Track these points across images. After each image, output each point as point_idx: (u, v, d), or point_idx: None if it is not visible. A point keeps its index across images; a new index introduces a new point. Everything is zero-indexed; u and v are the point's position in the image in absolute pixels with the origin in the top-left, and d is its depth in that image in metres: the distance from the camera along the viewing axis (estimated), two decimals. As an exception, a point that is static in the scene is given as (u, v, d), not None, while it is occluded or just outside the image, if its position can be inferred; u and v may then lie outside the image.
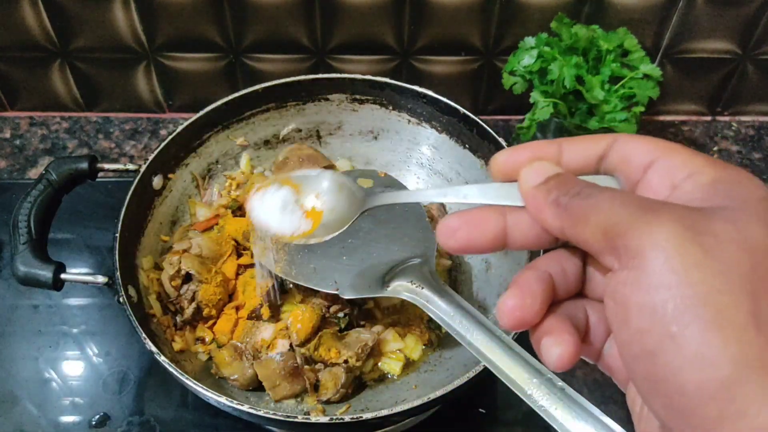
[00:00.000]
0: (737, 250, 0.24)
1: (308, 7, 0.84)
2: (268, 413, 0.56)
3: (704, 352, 0.23)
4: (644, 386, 0.26)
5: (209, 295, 0.69)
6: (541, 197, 0.29)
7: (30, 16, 0.85)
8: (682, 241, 0.24)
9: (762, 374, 0.23)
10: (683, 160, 0.28)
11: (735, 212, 0.25)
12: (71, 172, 0.67)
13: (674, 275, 0.24)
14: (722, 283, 0.23)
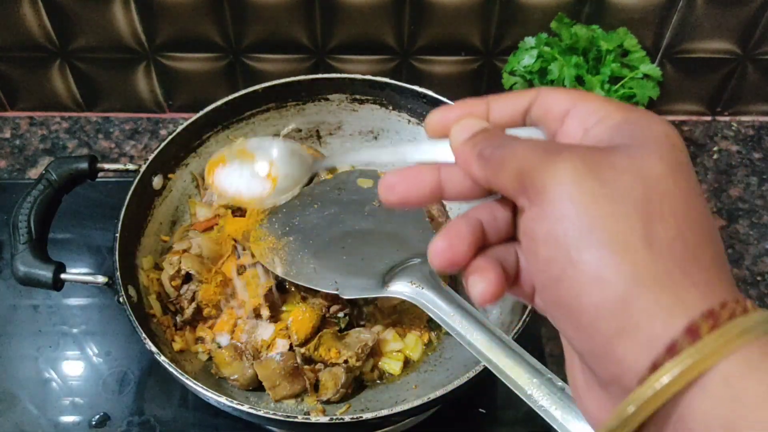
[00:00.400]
0: (631, 179, 0.26)
1: (308, 7, 0.84)
2: (268, 413, 0.56)
3: (601, 273, 0.25)
4: (555, 313, 0.28)
5: (209, 295, 0.69)
6: (468, 151, 0.32)
7: (30, 16, 0.85)
8: (581, 175, 0.26)
9: (654, 289, 0.24)
10: (595, 107, 0.30)
11: (634, 148, 0.27)
12: (71, 172, 0.67)
13: (573, 206, 0.26)
14: (616, 210, 0.25)
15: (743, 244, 0.85)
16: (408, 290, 0.57)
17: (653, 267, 0.25)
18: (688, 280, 0.25)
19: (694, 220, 0.26)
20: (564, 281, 0.26)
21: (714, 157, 0.94)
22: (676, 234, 0.25)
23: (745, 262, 0.83)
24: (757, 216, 0.88)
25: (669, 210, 0.26)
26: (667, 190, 0.26)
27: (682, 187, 0.26)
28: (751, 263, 0.83)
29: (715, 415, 0.23)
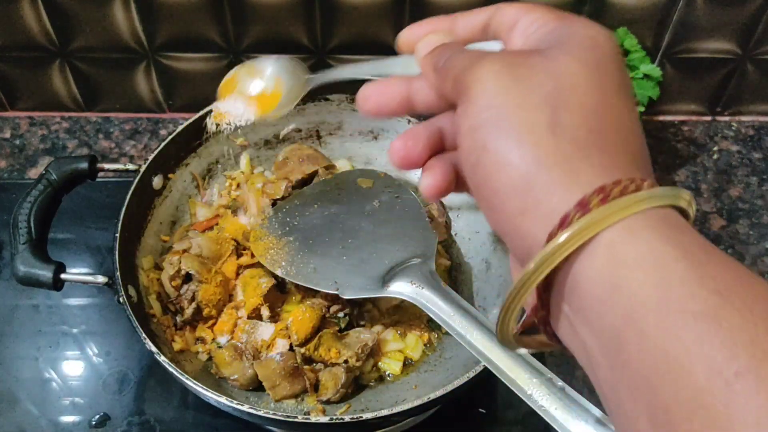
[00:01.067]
0: (544, 75, 0.29)
1: (308, 7, 0.84)
2: (268, 413, 0.56)
3: (507, 157, 0.28)
4: (476, 198, 0.31)
5: (209, 295, 0.69)
6: (427, 64, 0.35)
7: (30, 16, 0.85)
8: (499, 74, 0.29)
9: (554, 169, 0.27)
10: (536, 16, 0.33)
11: (554, 49, 0.30)
12: (71, 172, 0.67)
13: (489, 99, 0.29)
14: (526, 101, 0.28)
15: (743, 244, 0.85)
16: (408, 290, 0.57)
17: (554, 150, 0.27)
18: (586, 162, 0.27)
19: (604, 112, 0.28)
20: (479, 167, 0.29)
21: (714, 157, 0.94)
22: (581, 122, 0.28)
23: (745, 262, 0.83)
24: (757, 216, 0.88)
25: (576, 101, 0.28)
26: (576, 84, 0.28)
27: (595, 83, 0.29)
28: (751, 263, 0.83)
29: (600, 276, 0.25)
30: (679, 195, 0.27)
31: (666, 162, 0.93)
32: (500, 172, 0.28)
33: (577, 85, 0.28)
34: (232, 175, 0.80)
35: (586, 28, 0.31)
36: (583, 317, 0.26)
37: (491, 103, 0.29)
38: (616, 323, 0.25)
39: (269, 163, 0.82)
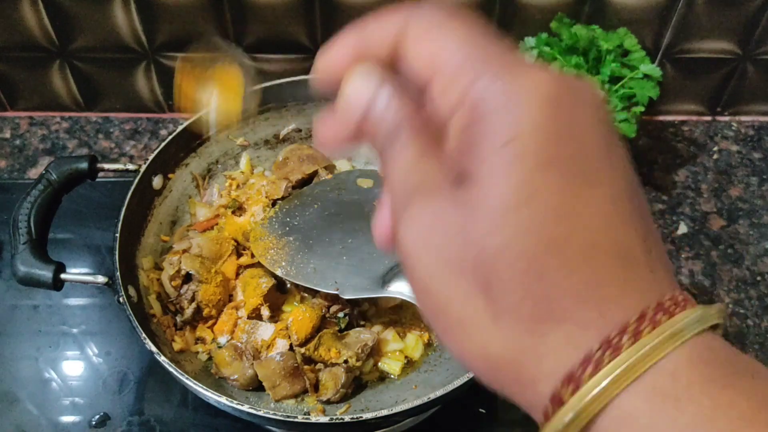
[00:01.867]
0: (466, 245, 0.23)
1: (308, 7, 0.84)
2: (268, 413, 0.56)
3: (463, 352, 0.24)
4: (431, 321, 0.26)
5: (209, 295, 0.69)
6: (369, 136, 0.27)
7: (30, 16, 0.85)
8: (419, 243, 0.24)
9: (506, 366, 0.23)
10: (457, 69, 0.24)
11: (477, 161, 0.23)
12: (71, 172, 0.67)
13: (415, 259, 0.25)
14: (456, 267, 0.24)
15: (743, 244, 0.85)
16: (408, 290, 0.57)
17: (499, 342, 0.23)
18: (550, 341, 0.22)
19: (554, 266, 0.22)
20: (437, 324, 0.25)
21: (714, 157, 0.94)
22: (519, 301, 0.22)
23: (745, 262, 0.83)
24: (758, 216, 0.88)
25: (509, 275, 0.22)
26: (502, 254, 0.22)
27: (536, 236, 0.22)
28: (752, 263, 0.83)
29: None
30: (714, 313, 0.22)
31: (666, 162, 0.93)
32: (476, 362, 0.24)
33: (504, 246, 0.22)
34: (232, 175, 0.80)
35: (506, 115, 0.22)
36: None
37: (423, 286, 0.24)
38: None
39: (269, 163, 0.82)
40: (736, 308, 0.80)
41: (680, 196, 0.90)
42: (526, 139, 0.22)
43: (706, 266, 0.83)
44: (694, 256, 0.84)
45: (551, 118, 0.22)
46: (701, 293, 0.81)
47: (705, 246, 0.85)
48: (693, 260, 0.84)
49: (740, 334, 0.78)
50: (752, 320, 0.79)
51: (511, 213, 0.22)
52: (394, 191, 0.26)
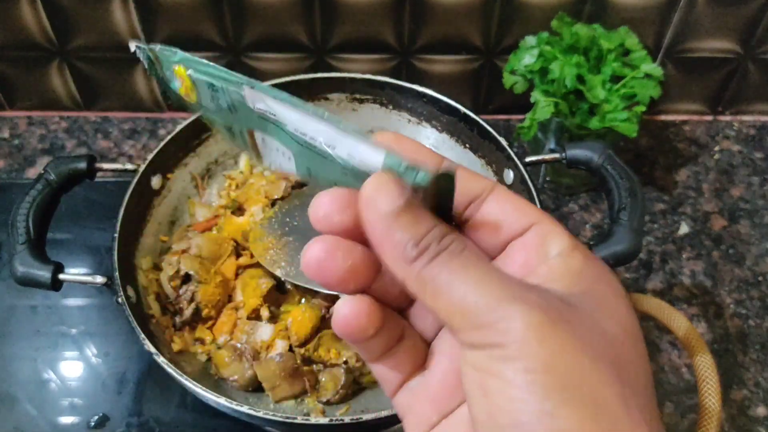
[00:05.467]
0: (600, 340, 0.24)
1: (308, 6, 0.84)
2: (267, 414, 0.56)
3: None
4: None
5: (208, 296, 0.68)
6: (392, 247, 0.25)
7: (28, 15, 0.85)
8: (548, 329, 0.23)
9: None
10: (556, 237, 0.26)
11: (596, 306, 0.25)
12: (70, 171, 0.67)
13: (539, 361, 0.23)
14: (588, 368, 0.23)
15: (745, 244, 0.85)
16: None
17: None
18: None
19: (647, 380, 0.25)
20: (530, 426, 0.23)
21: (715, 157, 0.94)
22: (646, 399, 0.24)
23: (746, 263, 0.83)
24: (759, 216, 0.88)
25: (635, 375, 0.24)
26: (630, 358, 0.25)
27: (639, 351, 0.25)
28: (753, 263, 0.83)
29: None
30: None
31: (667, 162, 0.93)
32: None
33: (630, 358, 0.24)
34: (232, 175, 0.80)
35: (612, 282, 0.26)
36: None
37: (546, 366, 0.23)
38: None
39: (269, 162, 0.82)
40: (738, 309, 0.79)
41: (681, 195, 0.90)
42: (628, 314, 0.26)
43: (707, 266, 0.83)
44: (696, 256, 0.84)
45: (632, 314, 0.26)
46: (702, 293, 0.81)
47: (706, 246, 0.85)
48: (694, 260, 0.83)
49: (741, 335, 0.77)
50: (753, 320, 0.78)
51: (627, 344, 0.25)
52: (470, 310, 0.24)
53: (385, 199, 0.24)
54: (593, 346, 0.23)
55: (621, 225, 0.61)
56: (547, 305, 0.23)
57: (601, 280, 0.26)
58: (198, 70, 0.32)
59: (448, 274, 0.24)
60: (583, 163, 0.66)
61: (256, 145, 0.34)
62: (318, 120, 0.27)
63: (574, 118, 0.79)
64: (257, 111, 0.30)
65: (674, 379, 0.74)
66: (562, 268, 0.25)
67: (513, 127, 0.95)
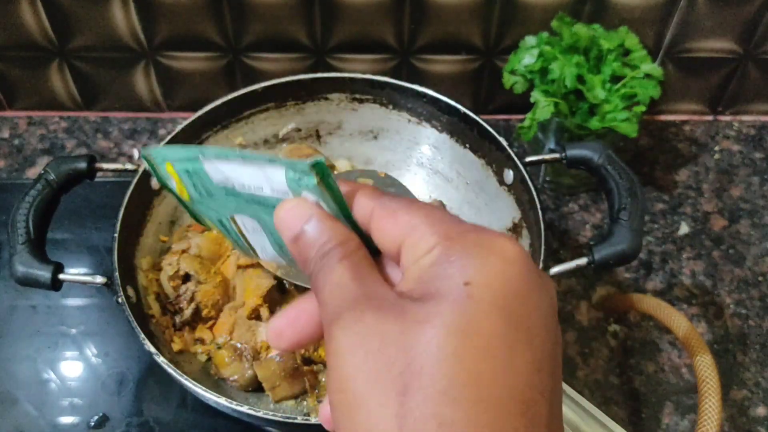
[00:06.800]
0: (395, 351, 0.24)
1: (308, 6, 0.84)
2: (267, 414, 0.56)
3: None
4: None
5: (208, 296, 0.68)
6: (303, 256, 0.30)
7: (28, 15, 0.85)
8: (352, 346, 0.25)
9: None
10: (420, 237, 0.27)
11: (419, 305, 0.25)
12: (70, 171, 0.67)
13: (340, 381, 0.25)
14: (375, 387, 0.24)
15: (745, 245, 0.85)
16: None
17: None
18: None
19: (467, 396, 0.23)
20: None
21: (715, 157, 0.94)
22: (431, 414, 0.23)
23: (746, 263, 0.83)
24: (759, 216, 0.88)
25: (428, 385, 0.23)
26: (428, 363, 0.24)
27: (461, 358, 0.24)
28: (753, 263, 0.83)
29: None
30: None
31: (667, 162, 0.93)
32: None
33: (431, 360, 0.23)
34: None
35: (468, 264, 0.25)
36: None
37: (343, 386, 0.25)
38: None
39: (269, 162, 0.82)
40: (738, 309, 0.79)
41: (681, 196, 0.90)
42: (489, 286, 0.25)
43: (707, 266, 0.83)
44: (696, 257, 0.84)
45: (515, 279, 0.25)
46: (702, 293, 0.81)
47: (706, 246, 0.85)
48: (694, 260, 0.83)
49: (741, 335, 0.77)
50: (754, 321, 0.78)
51: (452, 337, 0.24)
52: (326, 305, 0.27)
53: (285, 232, 0.30)
54: (387, 357, 0.24)
55: (621, 225, 0.61)
56: (360, 317, 0.26)
57: (451, 264, 0.26)
58: (175, 160, 0.33)
59: (323, 277, 0.28)
60: (583, 163, 0.66)
61: (244, 235, 0.35)
62: (241, 162, 0.30)
63: (574, 118, 0.79)
64: (218, 182, 0.32)
65: (674, 379, 0.74)
66: (420, 263, 0.27)
67: (513, 127, 0.95)
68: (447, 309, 0.24)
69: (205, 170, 0.31)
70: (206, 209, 0.35)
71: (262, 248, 0.35)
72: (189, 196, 0.34)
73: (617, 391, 0.73)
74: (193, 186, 0.33)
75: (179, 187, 0.34)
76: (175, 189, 0.34)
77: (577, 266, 0.61)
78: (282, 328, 0.30)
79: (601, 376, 0.73)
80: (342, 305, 0.26)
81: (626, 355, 0.76)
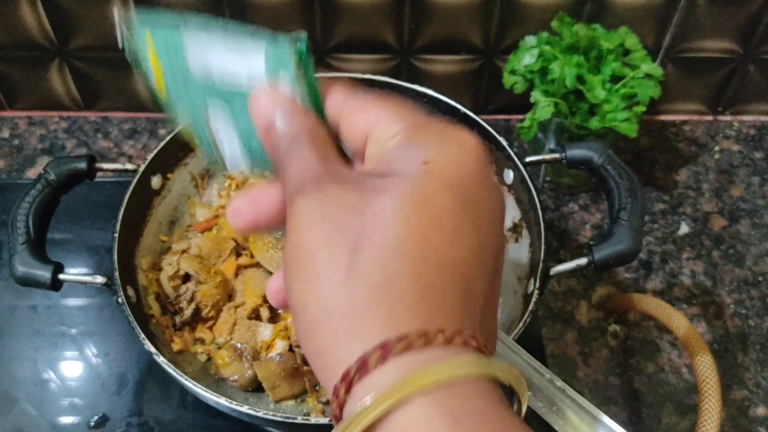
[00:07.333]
0: (350, 213, 0.26)
1: (308, 7, 0.84)
2: (267, 414, 0.56)
3: (306, 300, 0.26)
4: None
5: (208, 296, 0.68)
6: (268, 141, 0.31)
7: (28, 15, 0.85)
8: (310, 210, 0.27)
9: (342, 319, 0.25)
10: (387, 125, 0.29)
11: (376, 179, 0.27)
12: (70, 172, 0.67)
13: (296, 237, 0.27)
14: (328, 243, 0.26)
15: (745, 245, 0.85)
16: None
17: (344, 296, 0.25)
18: (374, 311, 0.24)
19: (414, 255, 0.25)
20: (288, 298, 0.27)
21: (715, 157, 0.94)
22: (379, 266, 0.25)
23: (746, 263, 0.83)
24: (759, 216, 0.88)
25: (379, 243, 0.25)
26: (383, 222, 0.25)
27: (408, 217, 0.25)
28: (753, 263, 0.83)
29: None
30: (502, 369, 0.25)
31: (667, 162, 0.93)
32: (301, 313, 0.26)
33: (384, 222, 0.25)
34: (232, 176, 0.80)
35: (429, 147, 0.27)
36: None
37: (299, 242, 0.27)
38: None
39: (269, 162, 0.82)
40: (738, 309, 0.79)
41: (681, 196, 0.90)
42: (445, 167, 0.27)
43: (707, 266, 0.83)
44: (696, 257, 0.84)
45: (470, 165, 0.27)
46: (702, 293, 0.81)
47: (706, 246, 0.85)
48: (694, 260, 0.83)
49: (742, 335, 0.77)
50: (753, 321, 0.78)
51: (406, 204, 0.25)
52: (291, 180, 0.29)
53: (258, 121, 0.31)
54: (343, 219, 0.26)
55: (621, 225, 0.61)
56: (320, 187, 0.27)
57: (412, 147, 0.28)
58: (156, 27, 0.33)
59: (290, 158, 0.29)
60: (583, 163, 0.66)
61: (216, 142, 0.35)
62: (222, 37, 0.31)
63: (574, 118, 0.79)
64: (198, 78, 0.32)
65: (674, 379, 0.74)
66: (384, 146, 0.29)
67: (513, 127, 0.95)
68: (404, 182, 0.26)
69: (183, 47, 0.31)
70: (182, 109, 0.35)
71: (232, 155, 0.35)
72: (166, 95, 0.34)
73: (617, 391, 0.73)
74: (173, 82, 0.33)
75: (158, 85, 0.34)
76: (154, 86, 0.34)
77: (577, 266, 0.61)
78: (242, 207, 0.31)
79: (601, 376, 0.73)
80: (305, 179, 0.28)
81: (626, 355, 0.76)
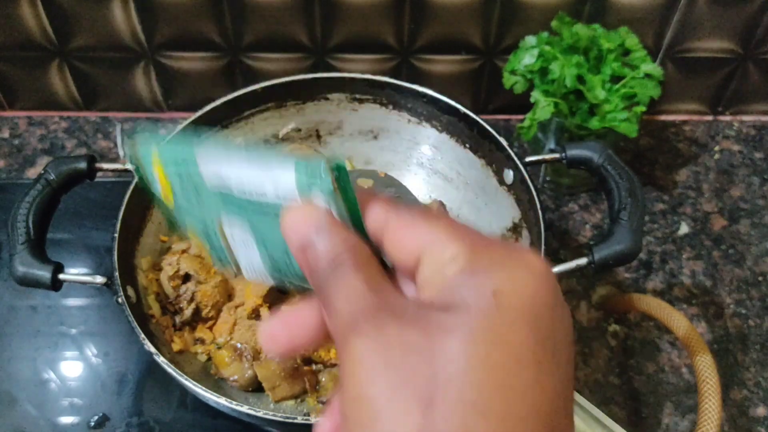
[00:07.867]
0: (419, 360, 0.23)
1: (308, 6, 0.84)
2: (267, 414, 0.56)
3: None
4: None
5: (208, 296, 0.68)
6: (308, 270, 0.28)
7: (28, 15, 0.85)
8: (371, 354, 0.24)
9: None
10: (444, 246, 0.26)
11: (443, 315, 0.24)
12: (70, 172, 0.67)
13: (357, 389, 0.24)
14: (395, 396, 0.23)
15: (745, 245, 0.85)
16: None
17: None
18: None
19: (496, 410, 0.22)
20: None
21: (715, 157, 0.94)
22: (458, 426, 0.22)
23: (746, 263, 0.83)
24: (759, 216, 0.88)
25: (455, 397, 0.22)
26: (456, 373, 0.23)
27: (489, 368, 0.23)
28: (753, 263, 0.83)
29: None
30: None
31: (667, 162, 0.93)
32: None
33: (458, 370, 0.23)
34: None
35: (495, 274, 0.25)
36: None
37: (360, 395, 0.24)
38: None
39: (269, 162, 0.82)
40: (738, 309, 0.79)
41: (681, 196, 0.90)
42: (518, 297, 0.24)
43: (707, 266, 0.83)
44: (696, 257, 0.84)
45: (543, 293, 0.25)
46: (702, 293, 0.81)
47: (706, 246, 0.85)
48: (694, 260, 0.83)
49: (741, 335, 0.77)
50: (753, 321, 0.78)
51: (481, 346, 0.23)
52: (340, 313, 0.26)
53: (293, 241, 0.28)
54: (411, 367, 0.23)
55: (621, 225, 0.61)
56: (382, 329, 0.24)
57: (478, 276, 0.25)
58: (168, 162, 0.30)
59: (335, 286, 0.26)
60: (583, 163, 0.66)
61: (230, 248, 0.33)
62: (245, 162, 0.28)
63: (574, 118, 0.79)
64: (212, 187, 0.29)
65: (674, 379, 0.74)
66: (443, 273, 0.26)
67: (513, 127, 0.95)
68: (474, 318, 0.23)
69: (200, 173, 0.29)
70: (190, 216, 0.32)
71: (249, 263, 0.33)
72: (174, 202, 0.32)
73: (617, 391, 0.73)
74: (181, 191, 0.31)
75: (165, 193, 0.31)
76: (159, 193, 0.32)
77: (577, 266, 0.61)
78: (276, 332, 0.29)
79: (601, 376, 0.73)
80: (359, 314, 0.25)
81: (626, 355, 0.76)
